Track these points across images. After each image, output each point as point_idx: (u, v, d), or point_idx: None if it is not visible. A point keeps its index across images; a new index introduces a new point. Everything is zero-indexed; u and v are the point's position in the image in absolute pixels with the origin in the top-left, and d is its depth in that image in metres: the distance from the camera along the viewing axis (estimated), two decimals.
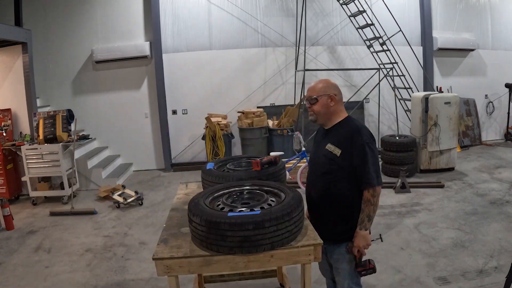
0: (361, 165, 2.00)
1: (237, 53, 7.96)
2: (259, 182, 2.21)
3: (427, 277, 3.31)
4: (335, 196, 2.08)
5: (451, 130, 6.53)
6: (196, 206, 1.84)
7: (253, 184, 2.18)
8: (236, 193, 2.10)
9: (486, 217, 4.55)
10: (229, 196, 2.06)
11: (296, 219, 1.77)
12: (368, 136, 2.05)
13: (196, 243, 1.82)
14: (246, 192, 2.11)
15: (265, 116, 7.32)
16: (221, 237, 1.69)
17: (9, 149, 6.12)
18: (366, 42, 7.66)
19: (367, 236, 2.04)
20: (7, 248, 4.40)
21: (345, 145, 2.04)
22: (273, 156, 2.49)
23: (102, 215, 5.40)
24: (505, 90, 8.76)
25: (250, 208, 1.83)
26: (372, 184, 1.98)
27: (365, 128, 2.09)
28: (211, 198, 2.04)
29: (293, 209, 1.76)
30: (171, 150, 7.99)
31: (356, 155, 2.00)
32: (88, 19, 7.61)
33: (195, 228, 1.79)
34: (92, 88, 7.79)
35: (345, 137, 2.06)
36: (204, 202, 1.91)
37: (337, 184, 2.07)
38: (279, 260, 1.76)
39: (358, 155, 2.00)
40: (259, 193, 2.05)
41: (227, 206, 1.91)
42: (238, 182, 2.21)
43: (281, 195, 1.99)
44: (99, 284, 3.53)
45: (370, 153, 2.00)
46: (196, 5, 7.79)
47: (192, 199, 1.97)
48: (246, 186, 2.16)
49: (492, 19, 8.93)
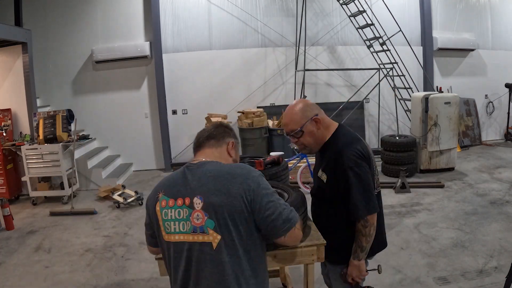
0: (347, 194, 1.78)
1: (237, 53, 7.96)
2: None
3: (427, 277, 3.31)
4: (327, 221, 1.93)
5: (451, 130, 6.54)
6: None
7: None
8: None
9: (486, 217, 4.56)
10: None
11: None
12: (353, 157, 1.76)
13: None
14: None
15: (265, 116, 7.32)
16: None
17: (9, 149, 6.11)
18: (366, 42, 7.67)
19: (361, 266, 1.87)
20: (7, 248, 4.40)
21: (331, 171, 1.84)
22: (276, 156, 2.49)
23: (102, 215, 5.40)
24: (505, 90, 8.78)
25: None
26: (359, 216, 1.77)
27: (349, 147, 1.79)
28: None
29: (296, 209, 1.75)
30: (171, 150, 7.99)
31: (341, 182, 1.79)
32: (88, 19, 7.61)
33: None
34: (92, 88, 7.78)
35: (329, 160, 1.85)
36: None
37: (329, 210, 1.92)
38: (282, 260, 1.76)
39: (343, 182, 1.78)
40: None
41: None
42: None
43: (284, 195, 1.98)
44: (99, 284, 3.53)
45: (355, 179, 1.75)
46: (196, 5, 7.79)
47: None
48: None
49: (492, 19, 8.94)
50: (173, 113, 8.00)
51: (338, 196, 1.83)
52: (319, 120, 1.86)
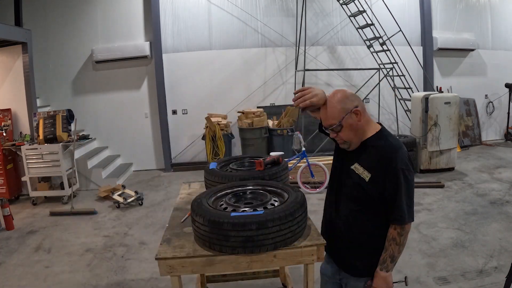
0: (393, 196, 1.65)
1: (237, 53, 7.96)
2: (263, 182, 2.20)
3: (427, 277, 3.31)
4: (359, 227, 1.77)
5: (451, 130, 6.54)
6: (199, 206, 1.83)
7: (256, 184, 2.17)
8: (239, 193, 2.09)
9: (486, 217, 4.56)
10: (232, 196, 2.06)
11: (300, 219, 1.77)
12: (406, 160, 1.66)
13: (199, 243, 1.81)
14: (249, 192, 2.10)
15: (265, 116, 7.31)
16: (224, 237, 1.68)
17: (9, 149, 6.11)
18: (366, 42, 7.67)
19: (389, 278, 1.75)
20: (7, 248, 4.39)
21: (377, 169, 1.68)
22: (276, 156, 2.49)
23: (102, 215, 5.40)
24: (505, 90, 8.78)
25: (253, 208, 1.83)
26: (402, 221, 1.65)
27: (402, 149, 1.68)
28: (214, 198, 2.04)
29: (296, 209, 1.75)
30: (171, 150, 7.99)
31: (389, 183, 1.65)
32: (88, 19, 7.61)
33: (198, 228, 1.78)
34: (92, 88, 7.78)
35: (378, 159, 1.68)
36: (207, 202, 1.91)
37: (363, 214, 1.75)
38: (282, 260, 1.75)
39: (391, 183, 1.64)
40: (262, 193, 2.05)
41: (230, 206, 1.91)
42: (241, 182, 2.21)
43: (284, 195, 1.98)
44: (99, 284, 3.53)
45: (405, 183, 1.64)
46: (196, 5, 7.79)
47: (195, 198, 1.96)
48: (249, 186, 2.15)
49: (492, 19, 8.94)
50: (173, 113, 8.00)
51: (381, 198, 1.69)
52: (358, 112, 1.70)
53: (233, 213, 1.74)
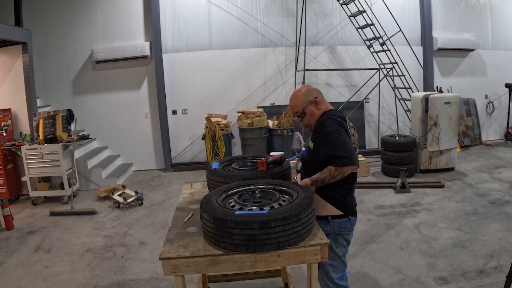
0: (328, 152, 2.06)
1: (237, 53, 7.96)
2: (274, 181, 2.23)
3: (427, 277, 3.31)
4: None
5: (451, 130, 6.54)
6: (207, 203, 1.88)
7: (267, 183, 2.20)
8: (249, 191, 2.12)
9: (486, 217, 4.56)
10: (242, 194, 2.08)
11: (305, 221, 1.77)
12: (333, 126, 2.09)
13: (206, 240, 1.86)
14: (259, 191, 2.13)
15: (265, 116, 7.31)
16: (228, 235, 1.71)
17: (9, 149, 6.10)
18: (366, 42, 7.67)
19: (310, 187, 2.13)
20: (7, 248, 4.39)
21: (315, 138, 2.19)
22: (277, 156, 2.50)
23: (102, 215, 5.40)
24: (505, 90, 8.79)
25: (260, 207, 1.85)
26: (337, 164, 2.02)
27: (331, 120, 2.13)
28: (224, 196, 2.07)
29: (302, 210, 1.76)
30: (171, 150, 7.99)
31: (324, 145, 2.09)
32: (88, 19, 7.60)
33: (204, 224, 1.83)
34: (92, 88, 7.78)
35: (316, 131, 2.20)
36: (216, 200, 1.94)
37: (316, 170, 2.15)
38: (286, 259, 1.76)
39: (325, 145, 2.08)
40: (271, 192, 2.07)
41: (239, 204, 1.93)
42: (253, 180, 2.25)
43: (294, 194, 1.99)
44: (99, 284, 3.52)
45: (335, 139, 2.04)
46: (196, 5, 7.79)
47: (205, 196, 2.01)
48: (261, 185, 2.18)
49: (492, 19, 8.95)
50: (173, 113, 7.99)
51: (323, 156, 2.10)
52: (317, 102, 2.23)
53: (237, 211, 1.76)
